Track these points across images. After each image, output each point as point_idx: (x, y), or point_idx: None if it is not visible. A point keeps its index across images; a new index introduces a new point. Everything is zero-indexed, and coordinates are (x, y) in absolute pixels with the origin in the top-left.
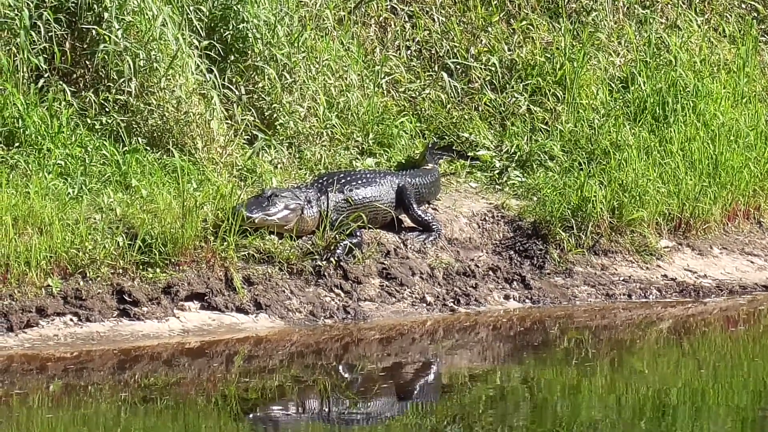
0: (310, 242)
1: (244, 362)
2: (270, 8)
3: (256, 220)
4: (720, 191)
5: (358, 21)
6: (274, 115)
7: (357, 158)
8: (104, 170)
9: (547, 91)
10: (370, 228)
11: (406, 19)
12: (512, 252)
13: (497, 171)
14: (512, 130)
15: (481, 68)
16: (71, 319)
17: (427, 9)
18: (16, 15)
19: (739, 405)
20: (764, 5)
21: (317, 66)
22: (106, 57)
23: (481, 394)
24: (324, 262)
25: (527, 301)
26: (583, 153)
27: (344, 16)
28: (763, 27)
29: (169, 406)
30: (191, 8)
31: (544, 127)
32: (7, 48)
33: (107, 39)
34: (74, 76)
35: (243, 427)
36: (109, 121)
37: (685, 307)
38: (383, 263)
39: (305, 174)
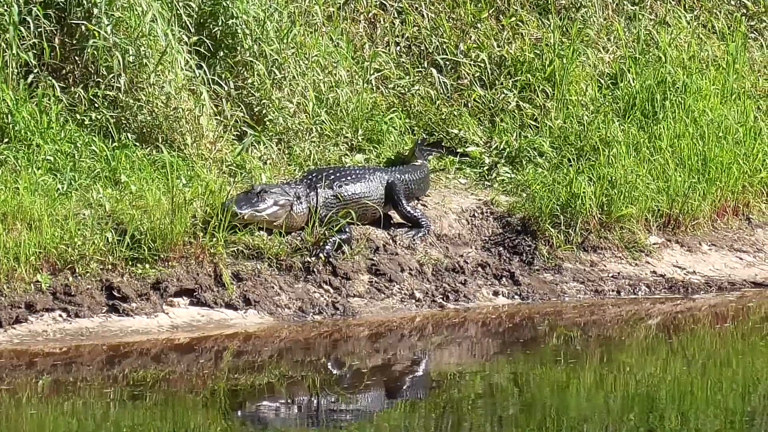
0: (299, 238)
1: (233, 358)
2: (259, 4)
3: (246, 216)
4: (709, 188)
5: (347, 17)
6: (264, 111)
7: (346, 154)
8: (93, 166)
9: (537, 88)
10: (359, 224)
11: (396, 15)
12: (501, 248)
13: (486, 167)
14: (501, 127)
15: (470, 64)
16: (60, 315)
17: (417, 5)
18: (6, 10)
19: (728, 401)
20: (753, 2)
21: (306, 62)
22: (95, 53)
23: (470, 390)
24: (313, 258)
25: (516, 297)
26: (573, 149)
27: (333, 12)
28: (752, 23)
29: (157, 401)
30: (180, 4)
31: (534, 123)
32: None
33: (97, 35)
34: (64, 71)
35: (232, 423)
36: (99, 117)
37: (674, 303)
38: (372, 259)
39: (294, 170)
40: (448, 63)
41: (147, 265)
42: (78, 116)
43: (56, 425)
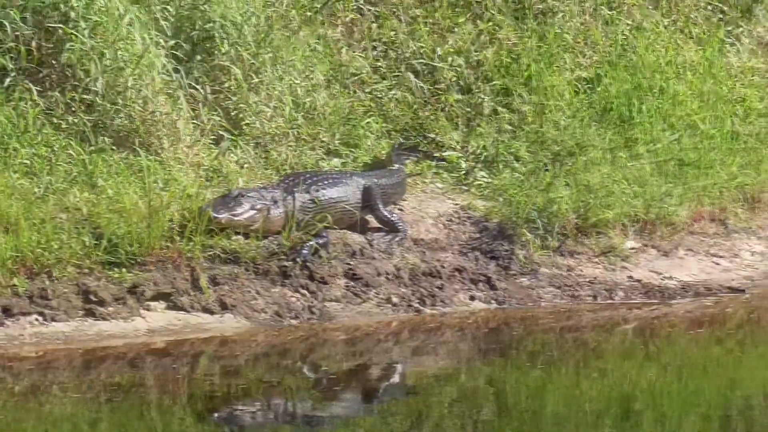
0: (276, 242)
1: (209, 362)
2: (237, 8)
3: (223, 220)
4: (685, 193)
5: (324, 21)
6: (241, 115)
7: (323, 158)
8: (70, 170)
9: (514, 92)
10: (336, 228)
11: (373, 19)
12: (478, 253)
13: (463, 172)
14: (478, 131)
15: (447, 69)
16: (37, 319)
17: (394, 10)
18: None
19: (703, 407)
20: (730, 7)
21: (283, 66)
22: (72, 56)
23: (445, 395)
24: (290, 263)
25: (493, 302)
26: (549, 154)
27: (311, 16)
28: (729, 29)
29: (133, 406)
30: (158, 8)
31: (511, 127)
32: None
33: (74, 38)
34: (41, 75)
35: (208, 427)
36: (76, 121)
37: (651, 308)
38: (349, 264)
39: (271, 174)
40: (425, 67)
41: (124, 269)
42: (55, 120)
43: (31, 429)
